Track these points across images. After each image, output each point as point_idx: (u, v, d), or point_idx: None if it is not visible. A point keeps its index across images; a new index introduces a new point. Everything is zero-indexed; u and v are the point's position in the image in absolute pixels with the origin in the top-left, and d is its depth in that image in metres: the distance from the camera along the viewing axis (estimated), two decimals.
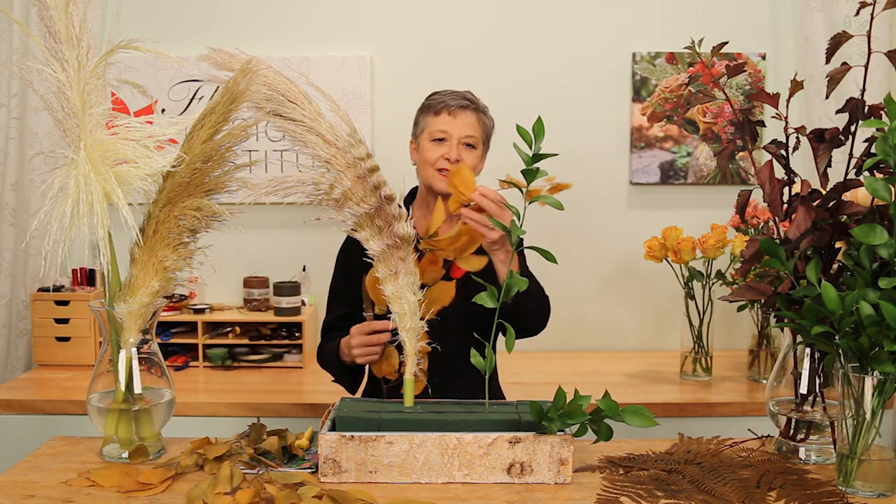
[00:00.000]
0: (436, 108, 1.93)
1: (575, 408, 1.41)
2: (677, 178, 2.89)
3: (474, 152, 1.93)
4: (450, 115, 1.91)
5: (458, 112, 1.91)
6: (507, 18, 2.87)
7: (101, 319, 1.54)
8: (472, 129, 1.92)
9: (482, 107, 1.97)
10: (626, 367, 2.72)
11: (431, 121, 1.93)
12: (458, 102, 1.92)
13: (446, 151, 1.90)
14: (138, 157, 1.41)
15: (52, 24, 1.44)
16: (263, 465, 1.48)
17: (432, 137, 1.92)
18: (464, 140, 1.91)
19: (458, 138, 1.90)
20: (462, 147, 1.91)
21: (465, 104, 1.92)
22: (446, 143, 1.91)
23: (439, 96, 1.95)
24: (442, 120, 1.92)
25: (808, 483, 1.40)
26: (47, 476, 1.45)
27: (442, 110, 1.92)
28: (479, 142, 1.94)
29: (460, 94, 1.95)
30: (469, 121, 1.92)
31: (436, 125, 1.92)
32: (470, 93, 1.97)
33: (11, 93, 2.68)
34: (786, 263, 1.40)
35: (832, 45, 1.48)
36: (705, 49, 1.64)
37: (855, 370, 1.34)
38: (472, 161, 1.92)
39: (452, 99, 1.93)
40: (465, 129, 1.91)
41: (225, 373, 2.64)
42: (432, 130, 1.92)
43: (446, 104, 1.92)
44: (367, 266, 1.62)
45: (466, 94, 1.96)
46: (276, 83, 1.55)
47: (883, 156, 1.32)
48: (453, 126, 1.91)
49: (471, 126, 1.92)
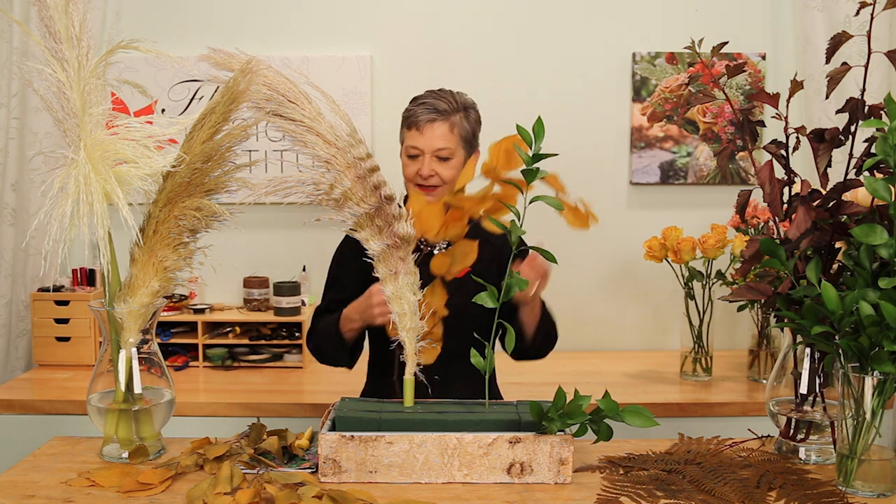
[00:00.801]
0: (408, 121, 1.90)
1: (575, 408, 1.41)
2: (677, 178, 2.89)
3: (449, 163, 1.88)
4: (418, 130, 1.87)
5: (426, 126, 1.86)
6: (507, 18, 2.87)
7: (101, 319, 1.54)
8: (442, 142, 1.86)
9: (456, 108, 1.89)
10: (626, 367, 2.72)
11: (406, 135, 1.91)
12: (427, 116, 1.86)
13: (419, 167, 1.87)
14: (138, 157, 1.41)
15: (52, 24, 1.44)
16: (263, 465, 1.48)
17: (407, 153, 1.90)
18: (435, 154, 1.87)
19: (430, 152, 1.86)
20: (434, 161, 1.87)
21: (432, 117, 1.86)
22: (419, 159, 1.88)
23: (414, 106, 1.90)
24: (412, 135, 1.88)
25: (808, 483, 1.40)
26: (47, 476, 1.45)
27: (412, 125, 1.88)
28: (456, 150, 1.88)
29: (431, 103, 1.88)
30: (439, 133, 1.86)
31: (409, 140, 1.89)
32: (444, 96, 1.90)
33: (11, 93, 2.68)
34: (786, 263, 1.40)
35: (832, 45, 1.48)
36: (705, 49, 1.64)
37: (855, 370, 1.34)
38: (449, 173, 1.87)
39: (424, 111, 1.87)
40: (434, 143, 1.86)
41: (225, 373, 2.64)
42: (407, 146, 1.90)
43: (417, 118, 1.87)
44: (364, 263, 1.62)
45: (438, 103, 1.88)
46: (276, 83, 1.55)
47: (883, 156, 1.32)
48: (422, 142, 1.86)
49: (441, 138, 1.86)
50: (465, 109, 1.91)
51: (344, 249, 2.02)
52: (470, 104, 1.94)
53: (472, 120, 1.93)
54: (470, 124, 1.92)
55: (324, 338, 1.93)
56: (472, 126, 1.93)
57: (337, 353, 1.92)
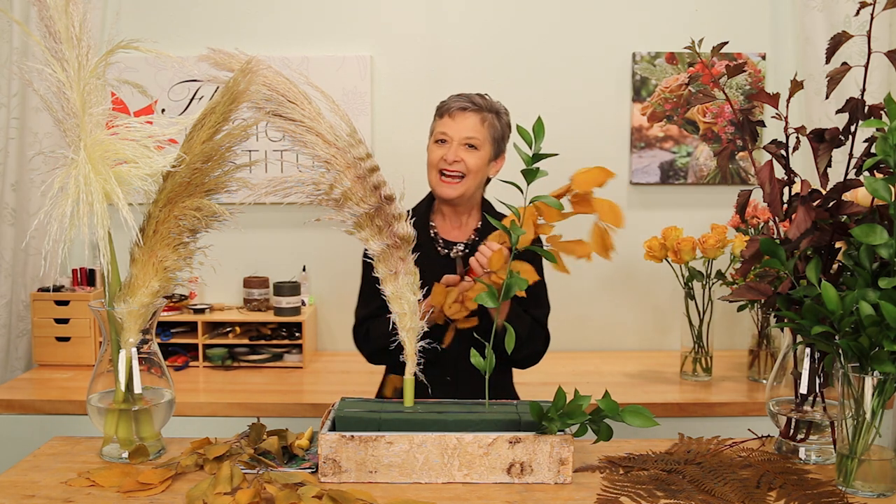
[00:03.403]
0: (440, 110, 1.97)
1: (575, 408, 1.41)
2: (677, 178, 2.89)
3: (476, 153, 1.93)
4: (450, 117, 1.94)
5: (458, 114, 1.93)
6: (507, 18, 2.87)
7: (101, 319, 1.54)
8: (471, 131, 1.92)
9: (490, 108, 1.96)
10: (626, 367, 2.72)
11: (436, 124, 1.97)
12: (460, 104, 1.94)
13: (445, 153, 1.92)
14: (138, 157, 1.41)
15: (52, 24, 1.43)
16: (263, 465, 1.48)
17: (435, 139, 1.96)
18: (464, 141, 1.92)
19: (458, 140, 1.92)
20: (462, 148, 1.92)
21: (465, 105, 1.93)
22: (447, 145, 1.93)
23: (447, 100, 1.98)
24: (443, 122, 1.95)
25: (808, 483, 1.40)
26: (47, 476, 1.45)
27: (444, 113, 1.95)
28: (484, 143, 1.93)
29: (466, 96, 1.96)
30: (470, 122, 1.93)
31: (438, 127, 1.96)
32: (480, 95, 1.97)
33: (11, 93, 2.68)
34: (786, 263, 1.40)
35: (832, 45, 1.48)
36: (705, 49, 1.64)
37: (855, 370, 1.34)
38: (474, 162, 1.92)
39: (456, 101, 1.95)
40: (464, 131, 1.92)
41: (225, 373, 2.64)
42: (436, 133, 1.96)
43: (449, 107, 1.95)
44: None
45: (473, 97, 1.96)
46: (276, 83, 1.55)
47: (883, 156, 1.32)
48: (452, 127, 1.93)
49: (471, 128, 1.92)
50: (497, 112, 1.98)
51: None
52: (503, 109, 2.00)
53: (503, 123, 1.99)
54: (501, 126, 1.98)
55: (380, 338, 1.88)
56: (503, 128, 1.99)
57: (387, 354, 1.85)
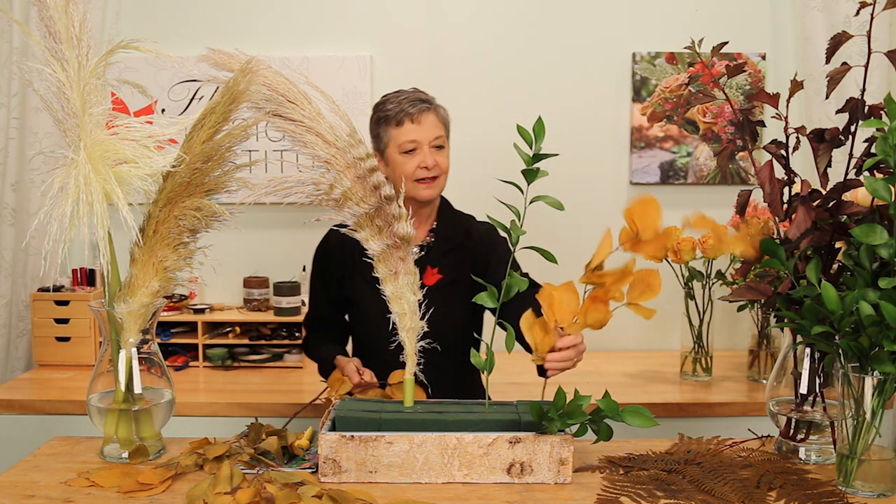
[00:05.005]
0: (396, 117, 1.87)
1: (575, 408, 1.41)
2: (677, 178, 2.89)
3: (444, 152, 1.91)
4: (413, 122, 1.86)
5: (420, 117, 1.86)
6: (507, 18, 2.87)
7: (101, 319, 1.54)
8: (437, 130, 1.88)
9: (433, 100, 1.92)
10: (626, 367, 2.72)
11: (395, 133, 1.87)
12: (418, 107, 1.86)
13: (421, 160, 1.86)
14: (138, 157, 1.41)
15: (52, 24, 1.44)
16: (263, 465, 1.48)
17: (402, 150, 1.87)
18: (433, 143, 1.88)
19: (428, 143, 1.87)
20: (434, 150, 1.88)
21: (424, 107, 1.87)
22: (418, 152, 1.87)
23: (394, 104, 1.88)
24: (407, 130, 1.86)
25: (808, 483, 1.40)
26: (47, 476, 1.45)
27: (404, 119, 1.86)
28: (446, 139, 1.92)
29: (413, 96, 1.89)
30: (432, 121, 1.88)
31: (402, 136, 1.86)
32: (418, 90, 1.93)
33: (11, 93, 2.68)
34: (786, 263, 1.40)
35: (832, 45, 1.48)
36: (705, 49, 1.64)
37: (855, 370, 1.34)
38: (445, 161, 1.91)
39: (409, 104, 1.87)
40: (432, 132, 1.87)
41: (225, 373, 2.64)
42: (400, 143, 1.87)
43: (406, 111, 1.86)
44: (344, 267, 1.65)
45: (419, 94, 1.91)
46: (276, 83, 1.55)
47: (883, 156, 1.32)
48: (419, 133, 1.86)
49: (435, 126, 1.88)
50: (438, 105, 1.94)
51: (319, 254, 2.06)
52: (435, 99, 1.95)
53: (445, 112, 1.96)
54: (446, 115, 1.95)
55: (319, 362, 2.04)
56: (448, 118, 1.96)
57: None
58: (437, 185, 1.90)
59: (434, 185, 1.90)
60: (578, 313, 1.45)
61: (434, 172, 1.88)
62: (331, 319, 2.06)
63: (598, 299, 1.45)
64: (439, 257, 1.94)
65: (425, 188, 1.89)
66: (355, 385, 1.78)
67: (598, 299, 1.45)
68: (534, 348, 1.48)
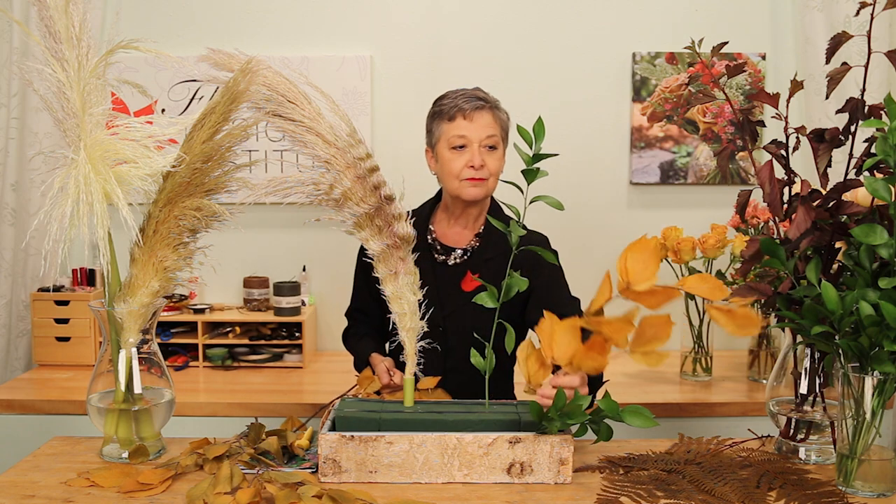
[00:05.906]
0: (449, 112, 1.82)
1: (575, 408, 1.41)
2: (677, 178, 2.89)
3: (496, 153, 1.83)
4: (465, 118, 1.80)
5: (474, 114, 1.81)
6: (507, 18, 2.87)
7: (101, 319, 1.54)
8: (491, 129, 1.82)
9: (495, 102, 1.86)
10: (626, 367, 2.72)
11: (447, 127, 1.83)
12: (473, 104, 1.81)
13: (469, 159, 1.80)
14: (138, 157, 1.41)
15: (52, 24, 1.44)
16: (263, 464, 1.48)
17: (451, 145, 1.82)
18: (485, 143, 1.81)
19: (479, 142, 1.81)
20: (484, 150, 1.81)
21: (479, 104, 1.81)
22: (467, 150, 1.81)
23: (450, 99, 1.84)
24: (458, 125, 1.81)
25: (808, 483, 1.40)
26: (47, 476, 1.45)
27: (456, 115, 1.81)
28: (500, 140, 1.84)
29: (471, 94, 1.84)
30: (486, 121, 1.81)
31: (453, 131, 1.81)
32: (480, 90, 1.87)
33: (11, 93, 2.68)
34: (786, 263, 1.40)
35: (832, 45, 1.48)
36: (705, 49, 1.64)
37: (855, 370, 1.34)
38: (496, 164, 1.83)
39: (465, 101, 1.82)
40: (484, 131, 1.81)
41: (225, 373, 2.64)
42: (450, 137, 1.82)
43: (459, 107, 1.81)
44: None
45: (477, 93, 1.85)
46: (276, 83, 1.55)
47: (883, 156, 1.32)
48: (471, 130, 1.80)
49: (489, 126, 1.81)
50: (498, 106, 1.88)
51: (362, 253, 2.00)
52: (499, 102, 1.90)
53: (506, 116, 1.89)
54: (506, 119, 1.89)
55: (356, 355, 2.02)
56: (506, 122, 1.89)
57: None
58: (483, 186, 1.82)
59: (480, 186, 1.82)
60: (574, 356, 1.35)
61: (482, 174, 1.81)
62: (371, 313, 2.01)
63: (596, 347, 1.32)
64: (481, 264, 1.88)
65: (471, 186, 1.81)
66: (384, 386, 1.75)
67: (595, 347, 1.32)
68: (526, 379, 1.46)
